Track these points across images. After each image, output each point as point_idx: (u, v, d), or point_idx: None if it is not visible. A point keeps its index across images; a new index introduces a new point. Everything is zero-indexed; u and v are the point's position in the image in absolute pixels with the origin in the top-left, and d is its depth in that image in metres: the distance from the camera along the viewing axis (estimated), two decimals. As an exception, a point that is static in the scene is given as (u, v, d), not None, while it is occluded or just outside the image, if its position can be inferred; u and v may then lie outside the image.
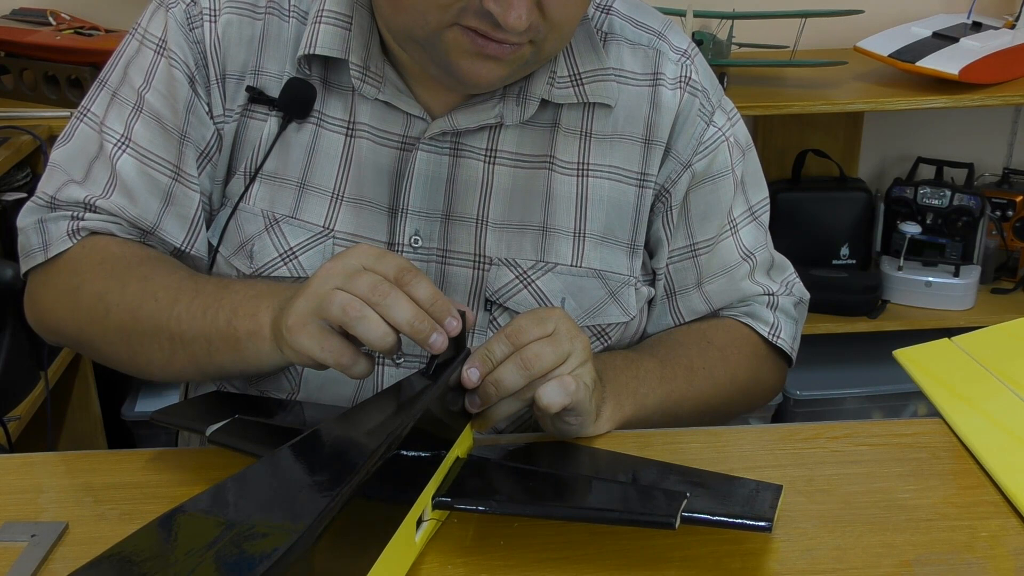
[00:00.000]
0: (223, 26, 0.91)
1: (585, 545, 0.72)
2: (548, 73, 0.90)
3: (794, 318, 1.04)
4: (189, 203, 0.92)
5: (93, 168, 0.92)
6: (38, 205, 0.93)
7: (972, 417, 0.86)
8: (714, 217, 0.98)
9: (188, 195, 0.92)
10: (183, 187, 0.92)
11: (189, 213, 0.92)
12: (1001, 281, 2.27)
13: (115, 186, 0.91)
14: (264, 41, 0.92)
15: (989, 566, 0.70)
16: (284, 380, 0.93)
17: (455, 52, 0.81)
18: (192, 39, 0.91)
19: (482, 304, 0.92)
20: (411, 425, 0.68)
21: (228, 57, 0.91)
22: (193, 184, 0.92)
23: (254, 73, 0.92)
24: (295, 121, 0.91)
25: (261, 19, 0.92)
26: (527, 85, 0.90)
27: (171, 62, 0.91)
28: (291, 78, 0.91)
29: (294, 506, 0.58)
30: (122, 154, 0.91)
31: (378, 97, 0.90)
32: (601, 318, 0.95)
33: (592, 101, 0.91)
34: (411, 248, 0.91)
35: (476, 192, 0.92)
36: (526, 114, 0.90)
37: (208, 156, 0.92)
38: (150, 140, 0.91)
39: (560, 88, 0.91)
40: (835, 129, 2.30)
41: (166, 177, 0.91)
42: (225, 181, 0.94)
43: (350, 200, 0.91)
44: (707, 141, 0.96)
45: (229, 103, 0.92)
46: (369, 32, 0.89)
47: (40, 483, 0.82)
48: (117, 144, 0.91)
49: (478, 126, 0.90)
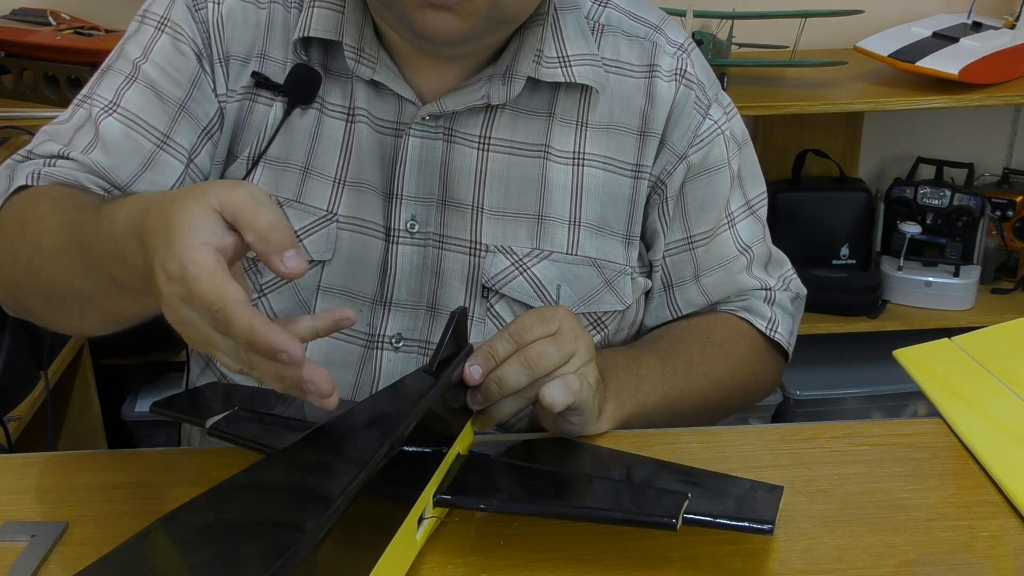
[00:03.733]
0: (227, 9, 0.93)
1: (585, 545, 0.72)
2: (534, 52, 0.90)
3: (791, 313, 1.04)
4: (171, 172, 0.91)
5: (77, 134, 0.91)
6: (15, 161, 0.92)
7: (972, 417, 0.86)
8: (711, 210, 0.98)
9: (171, 164, 0.91)
10: (168, 156, 0.91)
11: (167, 182, 0.90)
12: (1001, 281, 2.27)
13: (96, 146, 0.90)
14: (270, 28, 0.93)
15: (989, 566, 0.70)
16: None
17: (411, 6, 0.81)
18: (199, 19, 0.92)
19: (479, 291, 0.93)
20: (414, 423, 0.68)
21: (232, 39, 0.93)
22: (181, 156, 0.91)
23: (260, 58, 0.93)
24: (299, 107, 0.92)
25: (266, 7, 0.94)
26: (513, 64, 0.90)
27: (177, 37, 0.92)
28: (296, 64, 0.92)
29: (299, 505, 0.58)
30: (107, 117, 0.91)
31: (373, 77, 0.90)
32: (596, 306, 0.95)
33: (579, 82, 0.91)
34: (408, 233, 0.92)
35: (470, 179, 0.92)
36: (512, 92, 0.90)
37: (210, 133, 0.93)
38: (141, 107, 0.91)
39: (547, 68, 0.91)
40: (835, 129, 2.30)
41: (151, 144, 0.90)
42: (225, 164, 0.94)
43: (351, 184, 0.92)
44: (703, 134, 0.96)
45: (232, 84, 0.93)
46: (362, 16, 0.91)
47: (40, 483, 0.82)
48: (104, 108, 0.91)
49: (466, 107, 0.90)
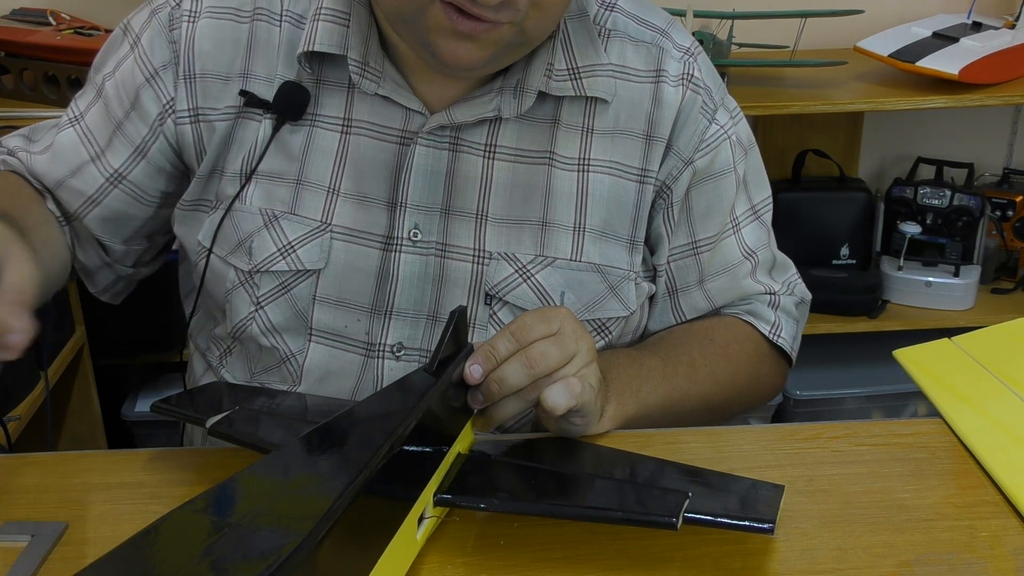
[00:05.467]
0: (202, 27, 0.93)
1: (585, 545, 0.72)
2: (545, 66, 0.90)
3: (795, 318, 1.04)
4: (91, 182, 0.97)
5: (45, 134, 1.00)
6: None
7: (972, 417, 0.86)
8: (716, 215, 0.98)
9: (94, 176, 0.97)
10: (95, 169, 0.97)
11: (87, 190, 0.97)
12: (1001, 281, 2.27)
13: (46, 150, 0.98)
14: (252, 45, 0.93)
15: (989, 566, 0.70)
16: (285, 371, 0.94)
17: (434, 31, 0.81)
18: (170, 39, 0.93)
19: (482, 298, 0.92)
20: (414, 423, 0.68)
21: (206, 56, 0.92)
22: (104, 171, 0.96)
23: (243, 76, 0.92)
24: (289, 123, 0.92)
25: (247, 24, 0.93)
26: (524, 78, 0.90)
27: (136, 58, 0.95)
28: (285, 82, 0.91)
29: (300, 505, 0.58)
30: (69, 128, 0.98)
31: (377, 92, 0.90)
32: (601, 312, 0.95)
33: (590, 95, 0.91)
34: (411, 242, 0.91)
35: (476, 187, 0.92)
36: (523, 107, 0.90)
37: (143, 152, 0.96)
38: (95, 122, 0.97)
39: (558, 81, 0.91)
40: (835, 129, 2.30)
41: (87, 155, 0.97)
42: (208, 180, 0.94)
43: (347, 195, 0.92)
44: (709, 139, 0.96)
45: (210, 102, 0.93)
46: (367, 27, 0.90)
47: (40, 483, 0.82)
48: (71, 119, 0.99)
49: (476, 120, 0.90)
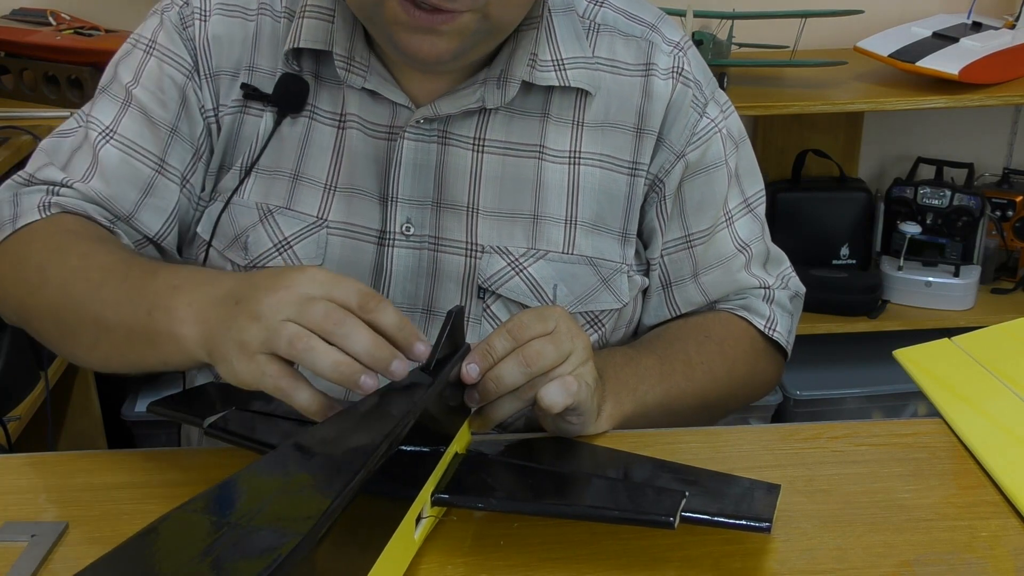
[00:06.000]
0: (213, 25, 0.93)
1: (585, 545, 0.72)
2: (529, 56, 0.90)
3: (790, 312, 1.04)
4: (170, 196, 0.93)
5: (75, 156, 0.94)
6: (16, 182, 0.94)
7: (972, 417, 0.86)
8: (709, 208, 0.98)
9: (169, 188, 0.93)
10: (165, 180, 0.93)
11: (168, 206, 0.93)
12: (1001, 281, 2.27)
13: (94, 173, 0.92)
14: (258, 40, 0.94)
15: (989, 566, 0.70)
16: None
17: (394, 26, 0.81)
18: (186, 37, 0.93)
19: (475, 292, 0.93)
20: (412, 423, 0.68)
21: (220, 54, 0.93)
22: (175, 178, 0.93)
23: (248, 70, 0.93)
24: (289, 116, 0.93)
25: (254, 20, 0.94)
26: (507, 68, 0.90)
27: (163, 60, 0.93)
28: (284, 74, 0.92)
29: (299, 505, 0.58)
30: (106, 143, 0.93)
31: (364, 86, 0.90)
32: (593, 304, 0.95)
33: (573, 86, 0.91)
34: (403, 236, 0.92)
35: (465, 180, 0.92)
36: (507, 97, 0.90)
37: (199, 153, 0.94)
38: (137, 133, 0.93)
39: (542, 71, 0.91)
40: (835, 129, 2.30)
41: (149, 168, 0.93)
42: (217, 176, 0.95)
43: (342, 190, 0.92)
44: (700, 132, 0.96)
45: (223, 99, 0.94)
46: (352, 23, 0.90)
47: (40, 483, 0.82)
48: (102, 134, 0.93)
49: (461, 111, 0.90)
